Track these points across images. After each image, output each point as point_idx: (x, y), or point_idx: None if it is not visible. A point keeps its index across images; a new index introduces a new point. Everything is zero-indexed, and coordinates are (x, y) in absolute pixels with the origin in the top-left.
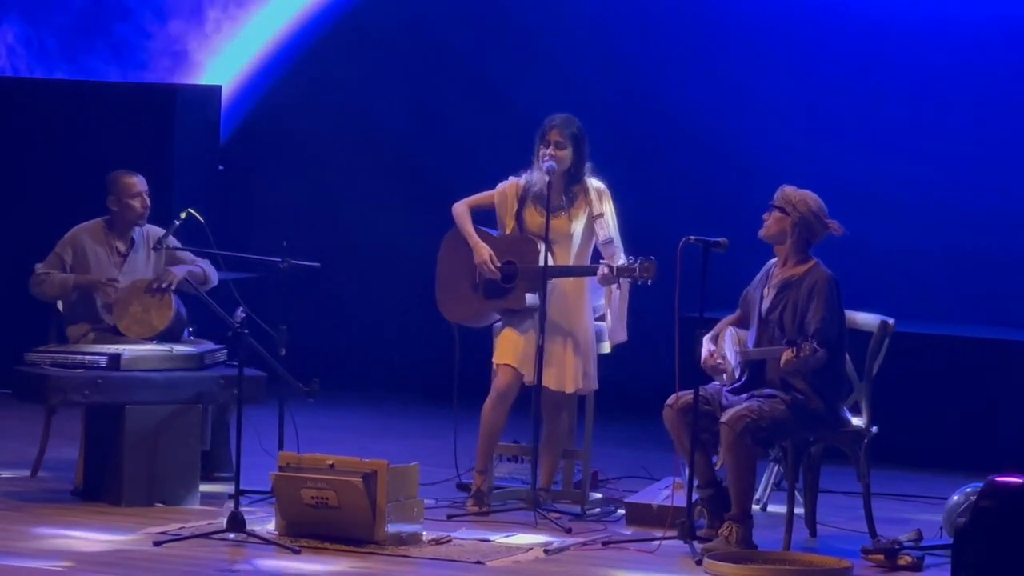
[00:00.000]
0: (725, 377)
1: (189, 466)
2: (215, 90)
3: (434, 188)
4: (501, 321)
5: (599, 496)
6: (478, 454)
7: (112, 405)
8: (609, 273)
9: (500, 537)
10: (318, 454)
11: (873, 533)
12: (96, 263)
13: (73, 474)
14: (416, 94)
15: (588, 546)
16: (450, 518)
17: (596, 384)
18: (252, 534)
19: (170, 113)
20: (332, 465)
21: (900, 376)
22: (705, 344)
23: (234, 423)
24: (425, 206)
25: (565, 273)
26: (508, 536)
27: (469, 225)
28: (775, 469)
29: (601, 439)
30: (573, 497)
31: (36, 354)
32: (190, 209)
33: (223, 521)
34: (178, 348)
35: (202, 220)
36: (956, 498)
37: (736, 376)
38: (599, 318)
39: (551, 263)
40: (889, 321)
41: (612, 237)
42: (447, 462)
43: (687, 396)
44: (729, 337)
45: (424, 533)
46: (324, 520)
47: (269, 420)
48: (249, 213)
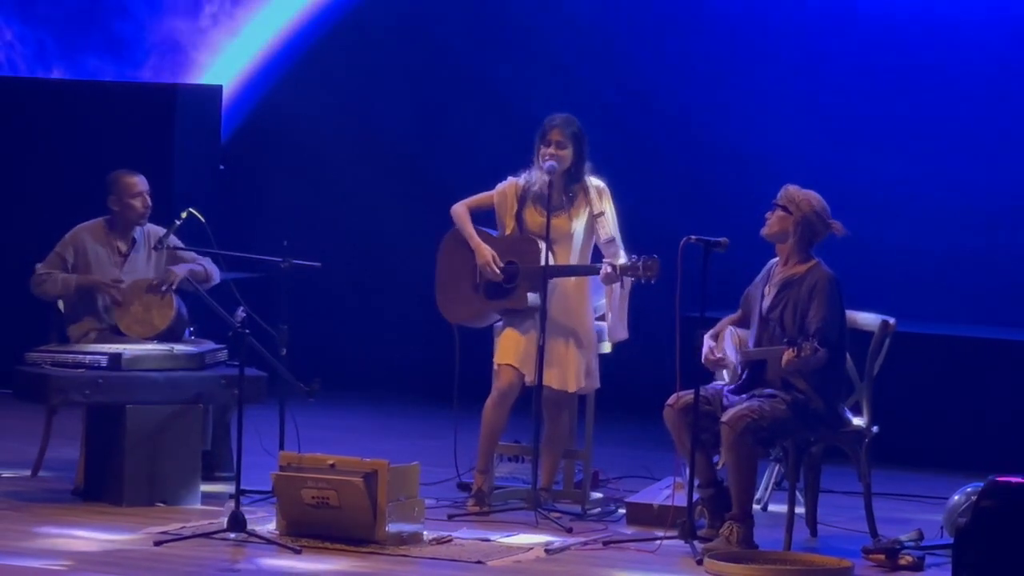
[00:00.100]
0: (726, 373)
1: (190, 466)
2: (216, 90)
3: (434, 188)
4: (502, 321)
5: (600, 496)
6: (479, 454)
7: (113, 405)
8: (612, 272)
9: (501, 537)
10: (319, 454)
11: (874, 533)
12: (97, 263)
13: (74, 474)
14: (416, 94)
15: (589, 546)
16: (451, 518)
17: (598, 383)
18: (253, 534)
19: (171, 113)
20: (333, 465)
21: (901, 376)
22: (706, 340)
23: (235, 423)
24: (425, 206)
25: (568, 273)
26: (509, 536)
27: (470, 226)
28: (776, 469)
29: (602, 439)
30: (574, 497)
31: (37, 354)
32: (191, 209)
33: (224, 521)
34: (179, 348)
35: (203, 220)
36: (957, 498)
37: (737, 372)
38: (599, 318)
39: (552, 263)
40: (890, 321)
41: (614, 236)
42: (447, 462)
43: (688, 396)
44: (729, 336)
45: (425, 533)
46: (325, 520)
47: (270, 420)
48: (250, 213)
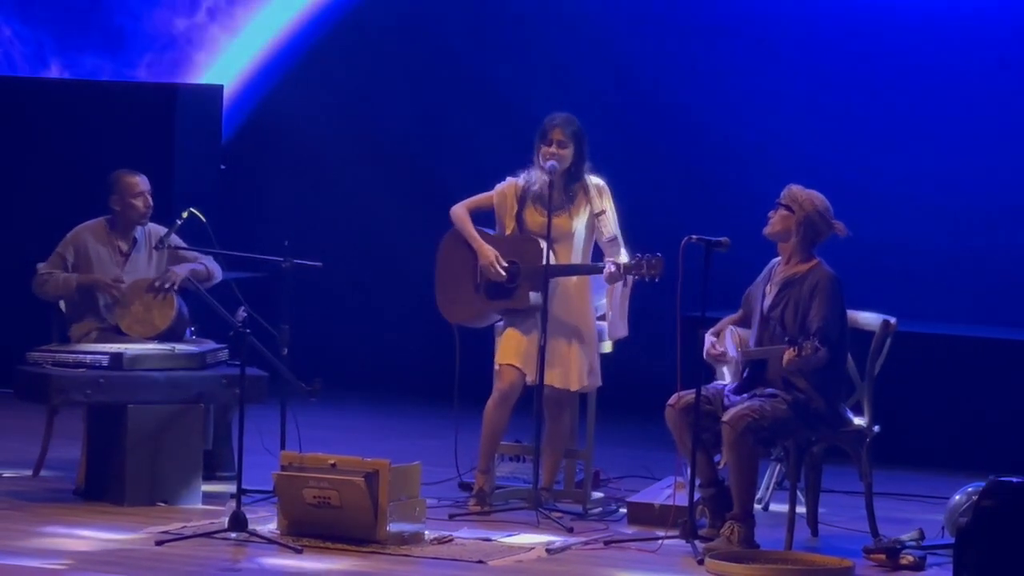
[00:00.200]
0: (727, 371)
1: (191, 465)
2: (217, 89)
3: (435, 187)
4: (503, 321)
5: (601, 495)
6: (480, 454)
7: (114, 404)
8: (617, 271)
9: (502, 536)
10: (320, 453)
11: (875, 533)
12: (98, 262)
13: (75, 474)
14: (416, 94)
15: (590, 545)
16: (452, 517)
17: (600, 381)
18: (254, 534)
19: (172, 113)
20: (334, 464)
21: (902, 375)
22: (707, 337)
23: (236, 422)
24: (426, 205)
25: (571, 272)
26: (510, 536)
27: (471, 227)
28: (777, 468)
29: (603, 439)
30: (575, 496)
31: (38, 353)
32: (192, 209)
33: (225, 521)
34: (180, 347)
35: (204, 220)
36: (958, 498)
37: (739, 370)
38: (600, 317)
39: (553, 262)
40: (891, 320)
41: (616, 234)
42: (448, 461)
43: (689, 396)
44: (729, 335)
45: (426, 532)
46: (326, 519)
47: (271, 419)
48: (251, 213)
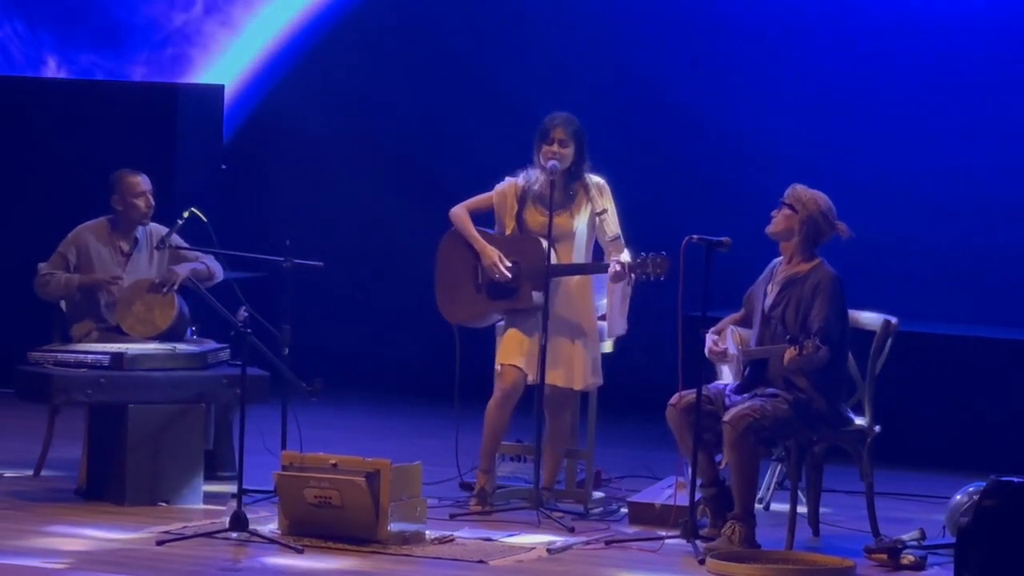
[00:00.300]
0: (728, 370)
1: (192, 465)
2: (218, 89)
3: (435, 187)
4: (504, 321)
5: (602, 495)
6: (482, 454)
7: (115, 404)
8: (622, 270)
9: (503, 536)
10: (321, 453)
11: (876, 532)
12: (100, 262)
13: (76, 473)
14: (416, 94)
15: (591, 545)
16: (453, 517)
17: (601, 379)
18: (255, 533)
19: (173, 113)
20: (335, 464)
21: (903, 375)
22: (709, 336)
23: (237, 422)
24: (426, 205)
25: (576, 271)
26: (511, 535)
27: (471, 228)
28: (778, 468)
29: (604, 438)
30: (576, 496)
31: (39, 353)
32: (193, 208)
33: (226, 520)
34: (181, 347)
35: (205, 219)
36: (959, 497)
37: (740, 368)
38: (600, 317)
39: (555, 262)
40: (892, 320)
41: (618, 233)
42: (449, 461)
43: (690, 395)
44: (730, 335)
45: (427, 532)
46: (327, 519)
47: (272, 419)
48: (252, 212)
